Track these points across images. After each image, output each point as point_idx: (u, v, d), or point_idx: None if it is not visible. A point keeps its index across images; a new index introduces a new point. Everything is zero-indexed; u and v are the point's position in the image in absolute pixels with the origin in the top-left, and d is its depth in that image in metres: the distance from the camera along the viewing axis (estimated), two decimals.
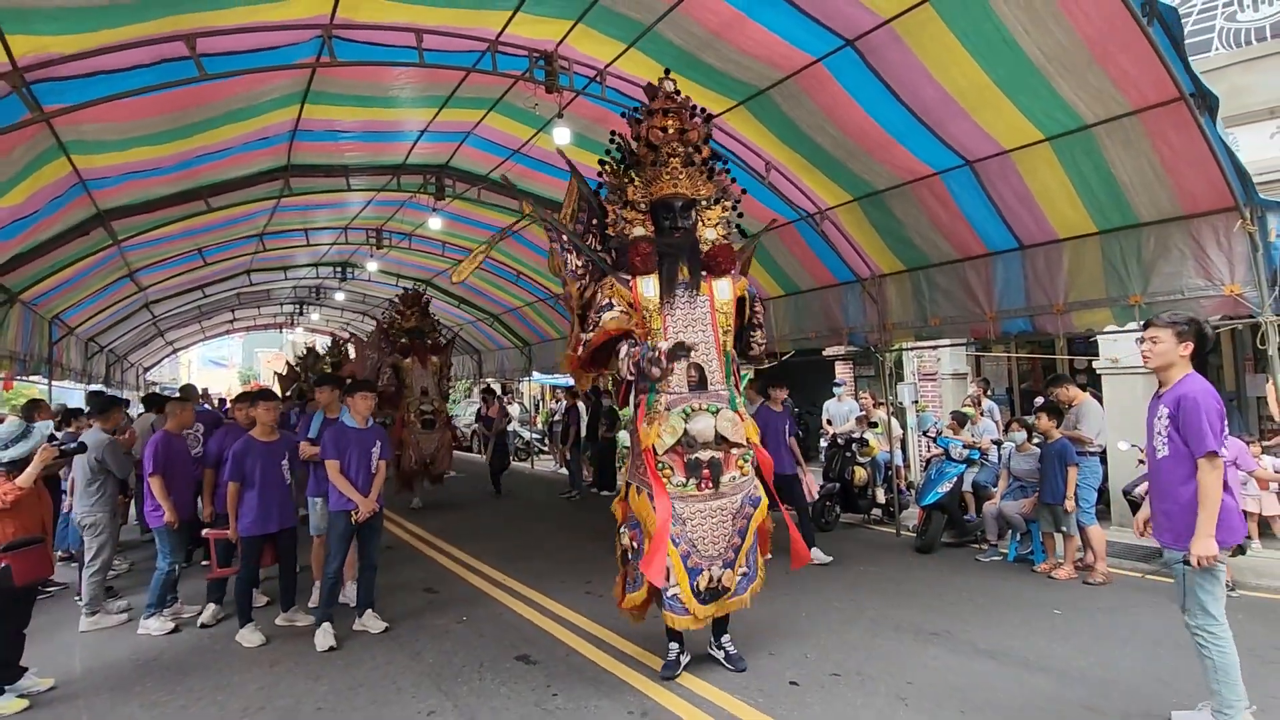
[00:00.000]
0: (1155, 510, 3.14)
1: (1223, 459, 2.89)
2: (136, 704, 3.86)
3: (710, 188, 4.19)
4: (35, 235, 5.87)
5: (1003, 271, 6.12)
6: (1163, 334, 3.06)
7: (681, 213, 4.01)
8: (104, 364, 12.36)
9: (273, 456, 4.78)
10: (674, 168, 4.05)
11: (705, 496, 3.78)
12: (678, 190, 4.02)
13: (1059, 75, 4.44)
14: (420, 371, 9.76)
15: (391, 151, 7.58)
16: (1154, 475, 3.15)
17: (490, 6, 4.89)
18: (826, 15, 4.68)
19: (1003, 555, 6.31)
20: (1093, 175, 4.98)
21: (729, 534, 3.81)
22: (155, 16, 3.87)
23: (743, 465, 3.89)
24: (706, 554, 3.75)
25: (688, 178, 4.07)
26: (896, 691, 3.67)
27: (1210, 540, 2.84)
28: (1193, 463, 2.91)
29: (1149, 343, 3.11)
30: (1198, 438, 2.87)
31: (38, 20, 3.51)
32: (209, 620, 5.04)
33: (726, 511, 3.81)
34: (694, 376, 3.92)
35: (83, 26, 3.69)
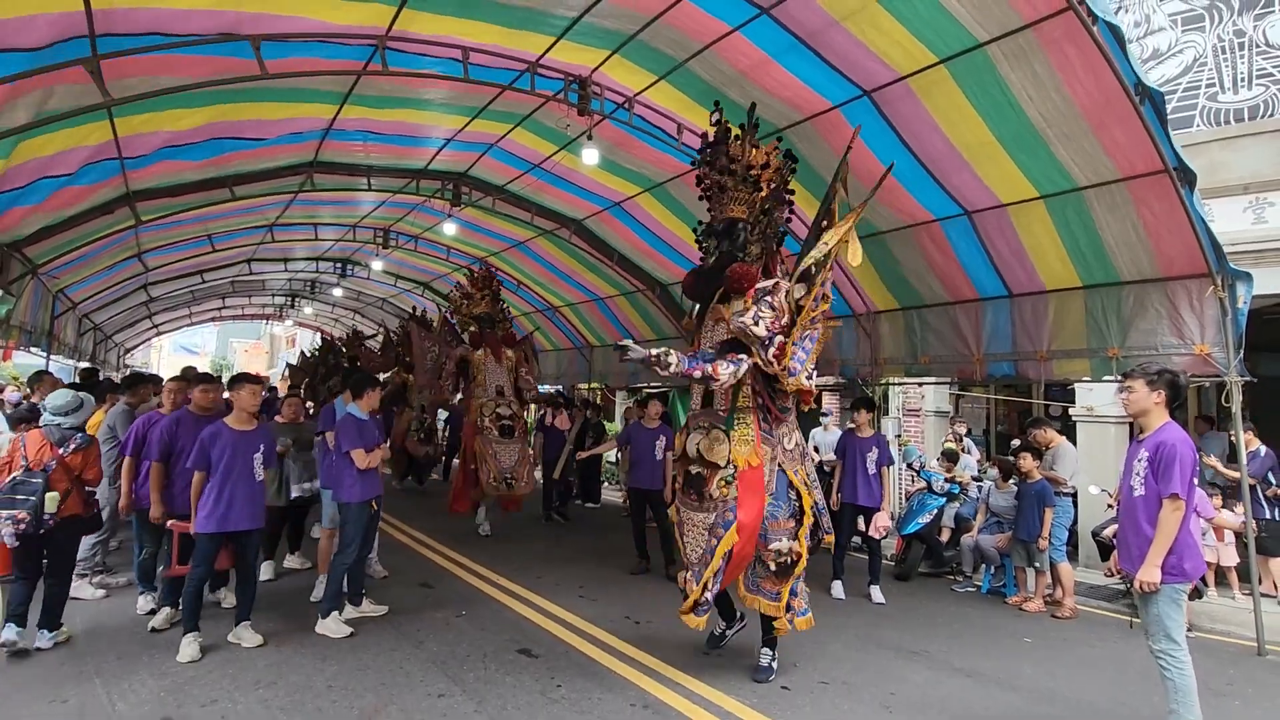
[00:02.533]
0: (1125, 541, 3.42)
1: (1184, 502, 3.17)
2: (146, 672, 3.95)
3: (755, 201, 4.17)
4: (63, 207, 5.97)
5: (992, 317, 6.49)
6: (1137, 384, 3.39)
7: (720, 237, 4.19)
8: (92, 341, 12.26)
9: (244, 447, 4.35)
10: (715, 194, 4.27)
11: (693, 506, 4.01)
12: (714, 216, 4.28)
13: (1057, 140, 4.84)
14: (494, 367, 8.03)
15: (415, 156, 7.81)
16: (1127, 511, 3.43)
17: (536, 30, 5.18)
18: (848, 67, 5.05)
19: (977, 587, 6.60)
20: (1081, 234, 5.38)
21: (703, 549, 3.91)
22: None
23: (723, 486, 3.87)
24: (690, 560, 4.00)
25: (730, 200, 4.20)
26: (881, 700, 3.90)
27: (1156, 570, 3.17)
28: (1160, 502, 3.21)
29: (1127, 391, 3.46)
30: (1166, 480, 3.18)
31: None
32: (160, 625, 4.58)
33: (703, 526, 3.94)
34: (700, 395, 4.17)
35: None
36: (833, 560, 6.23)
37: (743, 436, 3.95)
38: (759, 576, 3.97)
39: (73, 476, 4.25)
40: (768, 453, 3.96)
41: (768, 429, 4.01)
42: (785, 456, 4.05)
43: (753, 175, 4.17)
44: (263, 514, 4.53)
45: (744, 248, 4.14)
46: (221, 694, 3.71)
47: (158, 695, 3.68)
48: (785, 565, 3.92)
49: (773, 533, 3.89)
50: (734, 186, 4.19)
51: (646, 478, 6.69)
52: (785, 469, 4.02)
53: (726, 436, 3.91)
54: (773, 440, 4.01)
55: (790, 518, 3.97)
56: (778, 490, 3.94)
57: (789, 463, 4.06)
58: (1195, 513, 5.00)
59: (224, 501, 4.23)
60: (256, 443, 4.44)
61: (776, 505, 3.92)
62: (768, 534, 3.88)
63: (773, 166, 4.22)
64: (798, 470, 4.09)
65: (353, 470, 4.73)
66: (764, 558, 3.91)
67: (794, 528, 3.96)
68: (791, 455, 4.11)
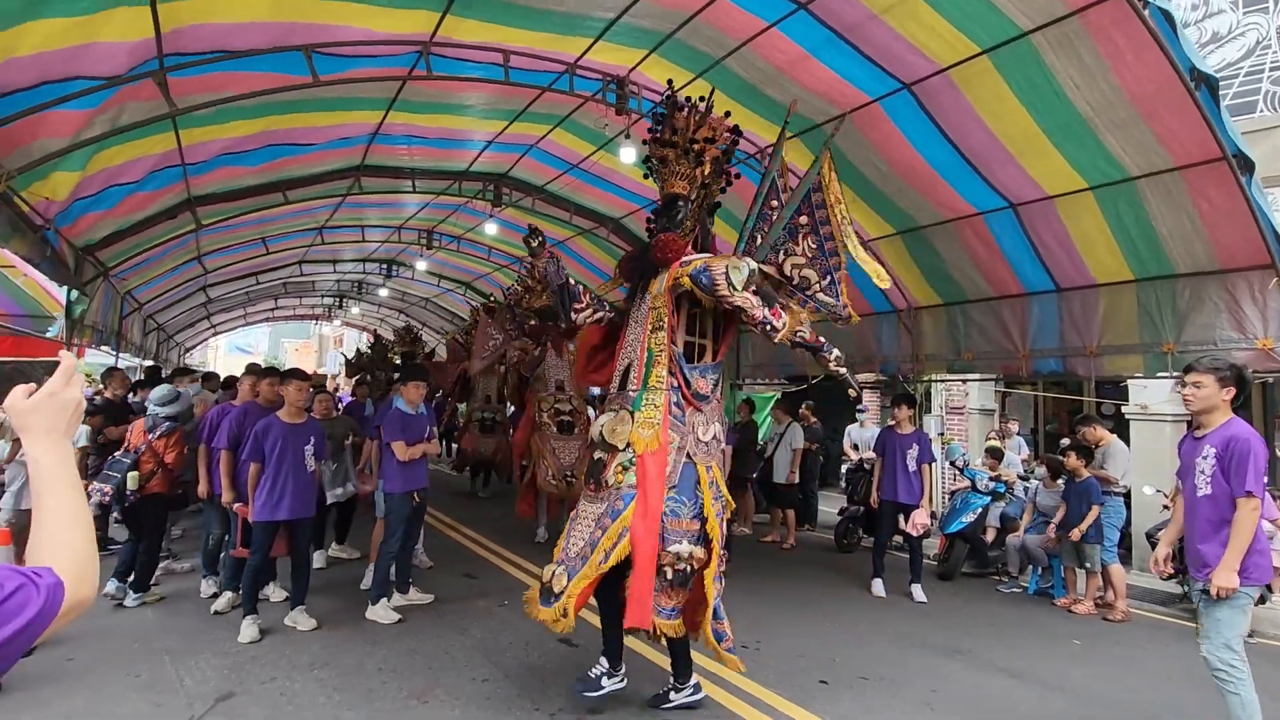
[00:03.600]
0: (1192, 547, 3.18)
1: (1259, 501, 2.98)
2: (210, 651, 4.18)
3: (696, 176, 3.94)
4: (131, 212, 6.31)
5: (1038, 312, 6.33)
6: (1205, 379, 3.12)
7: (659, 213, 4.01)
8: (156, 341, 12.89)
9: (295, 440, 4.57)
10: (658, 169, 4.03)
11: (590, 496, 3.63)
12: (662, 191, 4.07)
13: (1106, 129, 4.70)
14: (555, 361, 7.64)
15: (457, 158, 8.00)
16: (1190, 513, 3.20)
17: (574, 33, 5.27)
18: (888, 60, 5.00)
19: (1023, 588, 6.46)
20: (1133, 225, 5.21)
21: (584, 543, 3.47)
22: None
23: (619, 472, 3.48)
24: (568, 554, 3.53)
25: (671, 174, 3.96)
26: (922, 698, 3.88)
27: (1233, 574, 2.96)
28: (1233, 502, 3.00)
29: (1191, 387, 3.16)
30: (1240, 478, 2.97)
31: None
32: (222, 608, 4.83)
33: (592, 518, 3.51)
34: (620, 376, 3.79)
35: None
36: (873, 557, 6.19)
37: (647, 419, 3.53)
38: (655, 591, 3.36)
39: (158, 459, 4.90)
40: (675, 440, 3.52)
41: (679, 414, 3.58)
42: (697, 448, 3.58)
43: (695, 149, 3.93)
44: (314, 503, 4.77)
45: (680, 224, 3.90)
46: (279, 673, 3.90)
47: (221, 673, 3.89)
48: (684, 575, 3.40)
49: (672, 533, 3.36)
50: (675, 160, 3.94)
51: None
52: (696, 462, 3.55)
53: (631, 418, 3.56)
54: (683, 427, 3.57)
55: (695, 518, 3.47)
56: (681, 484, 3.47)
57: (701, 455, 3.58)
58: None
59: (277, 491, 4.47)
60: (307, 435, 4.66)
61: (679, 501, 3.44)
62: (666, 534, 3.35)
63: (717, 140, 3.99)
64: (710, 467, 3.61)
65: (395, 461, 4.90)
66: (661, 563, 3.34)
67: (698, 530, 3.45)
68: (707, 448, 3.63)
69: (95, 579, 0.98)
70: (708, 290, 3.54)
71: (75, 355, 7.07)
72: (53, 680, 3.68)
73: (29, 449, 1.02)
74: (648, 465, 3.42)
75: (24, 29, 3.34)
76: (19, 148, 4.07)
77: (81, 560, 0.95)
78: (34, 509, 1.00)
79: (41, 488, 0.99)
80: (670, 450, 3.49)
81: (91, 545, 0.99)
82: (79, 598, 0.92)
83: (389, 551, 4.93)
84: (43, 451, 1.01)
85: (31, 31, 3.38)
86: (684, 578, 3.41)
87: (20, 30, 3.33)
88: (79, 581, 0.93)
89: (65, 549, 0.95)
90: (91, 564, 0.97)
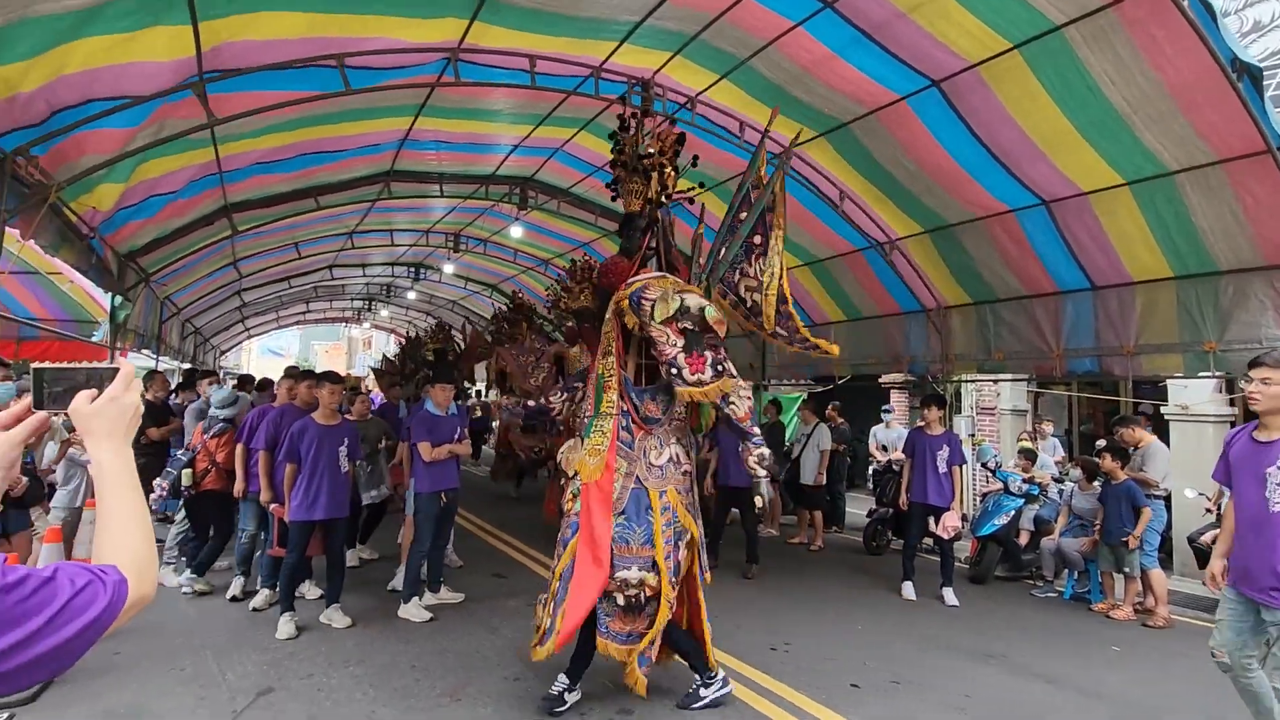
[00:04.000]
0: (1259, 565, 2.83)
1: None
2: (250, 647, 4.29)
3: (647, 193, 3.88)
4: (171, 219, 6.52)
5: (1072, 310, 6.21)
6: (1276, 374, 2.79)
7: (624, 232, 3.94)
8: (193, 344, 13.25)
9: (329, 441, 4.65)
10: (618, 190, 4.02)
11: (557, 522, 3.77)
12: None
13: (1143, 124, 4.59)
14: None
15: (484, 162, 8.10)
16: (1257, 528, 2.83)
17: (599, 37, 5.31)
18: (915, 58, 4.94)
19: (1059, 592, 6.33)
20: (1172, 221, 5.08)
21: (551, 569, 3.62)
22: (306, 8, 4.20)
23: (570, 500, 3.56)
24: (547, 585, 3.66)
25: (626, 193, 3.95)
26: (954, 703, 3.83)
27: None
28: None
29: (1259, 384, 2.84)
30: None
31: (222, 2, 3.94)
32: (260, 605, 4.96)
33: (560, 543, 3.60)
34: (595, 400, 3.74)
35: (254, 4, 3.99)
36: (903, 560, 6.12)
37: (594, 446, 3.53)
38: (608, 615, 3.40)
39: (210, 457, 5.26)
40: (622, 466, 3.49)
41: (628, 439, 3.54)
42: (649, 473, 3.51)
43: (644, 165, 3.89)
44: (348, 503, 4.87)
45: (632, 245, 3.88)
46: (316, 669, 4.00)
47: (260, 668, 3.99)
48: (635, 602, 3.36)
49: (620, 559, 3.35)
50: (626, 178, 3.95)
51: (736, 474, 6.65)
52: (647, 487, 3.49)
53: (581, 444, 3.60)
54: (632, 453, 3.52)
55: (646, 544, 3.39)
56: (629, 509, 3.43)
57: (654, 480, 3.50)
58: None
59: (313, 492, 4.57)
60: (341, 437, 4.75)
61: (628, 528, 3.39)
62: (615, 560, 3.34)
63: (664, 152, 3.91)
64: (665, 491, 3.50)
65: (423, 462, 4.96)
66: (609, 589, 3.35)
67: (649, 556, 3.39)
68: (660, 472, 3.53)
69: (155, 577, 1.02)
70: (636, 314, 3.48)
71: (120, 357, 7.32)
72: (102, 673, 3.82)
73: (92, 451, 1.07)
74: (591, 494, 3.44)
75: (71, 47, 3.48)
76: (66, 163, 4.23)
77: (142, 559, 1.00)
78: (97, 509, 1.05)
79: (104, 489, 1.04)
80: (618, 476, 3.47)
81: (151, 545, 1.03)
82: (140, 594, 0.97)
83: (419, 551, 5.01)
84: (105, 454, 1.06)
85: (78, 49, 3.52)
86: (637, 604, 3.39)
87: (68, 48, 3.46)
88: (140, 579, 0.98)
89: (127, 548, 0.99)
90: (151, 563, 1.01)
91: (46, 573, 0.87)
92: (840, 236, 7.51)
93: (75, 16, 3.24)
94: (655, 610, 3.41)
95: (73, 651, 0.88)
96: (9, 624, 0.80)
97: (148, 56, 3.91)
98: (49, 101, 3.80)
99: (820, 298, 8.77)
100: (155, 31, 3.74)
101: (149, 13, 3.56)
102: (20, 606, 0.81)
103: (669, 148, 3.94)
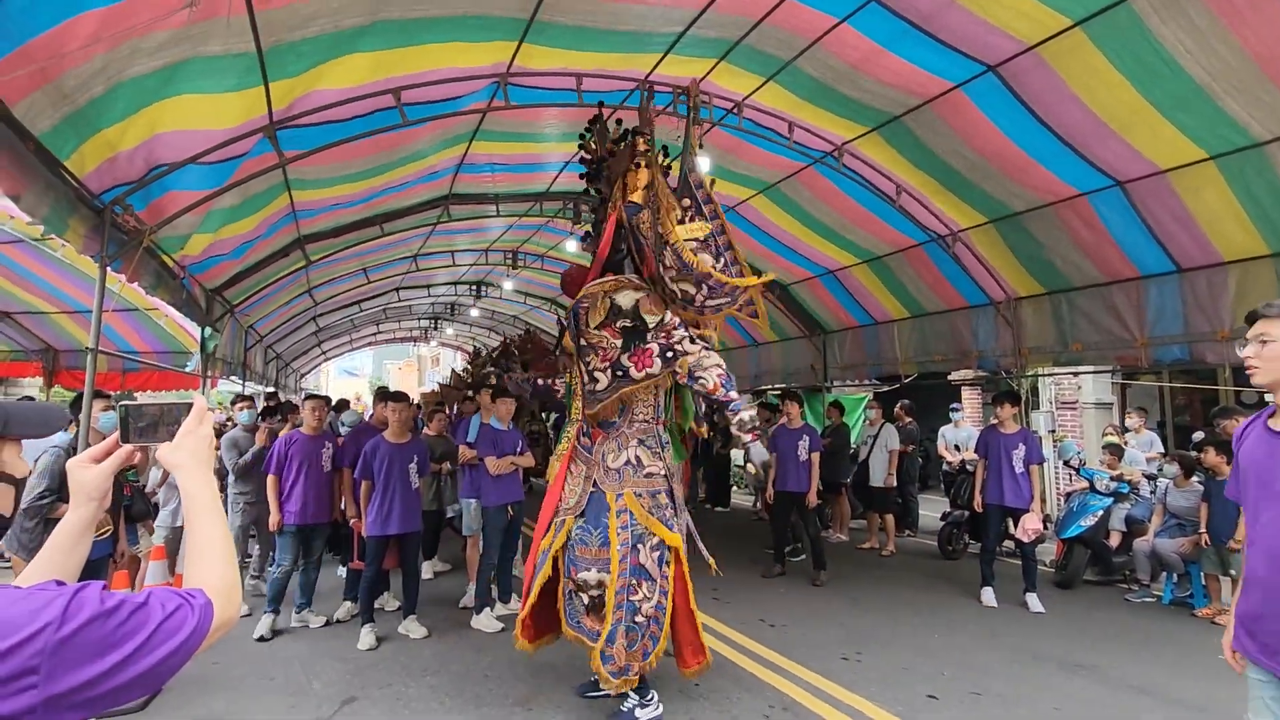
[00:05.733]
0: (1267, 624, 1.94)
1: None
2: (333, 658, 4.50)
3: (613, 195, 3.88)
4: (251, 256, 6.96)
5: (1156, 296, 5.83)
6: (1275, 329, 1.95)
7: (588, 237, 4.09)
8: (275, 369, 14.04)
9: (399, 459, 4.84)
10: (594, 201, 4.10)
11: None
12: None
13: (1226, 94, 4.29)
14: None
15: (537, 180, 8.28)
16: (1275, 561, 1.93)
17: (643, 50, 5.36)
18: (968, 44, 4.77)
19: (1156, 597, 5.93)
20: (1265, 194, 4.72)
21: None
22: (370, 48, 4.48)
23: None
24: None
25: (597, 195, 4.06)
26: (1042, 716, 3.64)
27: None
28: None
29: (1255, 344, 1.99)
30: None
31: (290, 59, 4.21)
32: (342, 617, 5.21)
33: None
34: None
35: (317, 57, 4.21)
36: (980, 565, 5.86)
37: (559, 451, 3.76)
38: (577, 611, 3.57)
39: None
40: (581, 470, 3.62)
41: (586, 444, 3.65)
42: (605, 476, 3.56)
43: (606, 173, 3.93)
44: (419, 518, 5.03)
45: (597, 247, 3.84)
46: (395, 679, 4.16)
47: (344, 678, 4.19)
48: (598, 602, 3.47)
49: (581, 560, 3.47)
50: (591, 183, 4.03)
51: (793, 480, 6.60)
52: (604, 489, 3.53)
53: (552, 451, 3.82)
54: (589, 457, 3.62)
55: (604, 546, 3.46)
56: (588, 512, 3.52)
57: (610, 484, 3.54)
58: None
59: (386, 507, 4.77)
60: (411, 454, 4.94)
61: (586, 530, 3.50)
62: (576, 561, 3.50)
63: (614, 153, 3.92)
64: (621, 494, 3.51)
65: (489, 475, 5.12)
66: (569, 587, 3.54)
67: (607, 558, 3.44)
68: (617, 475, 3.55)
69: (239, 599, 1.10)
70: (574, 327, 3.56)
71: (205, 394, 7.80)
72: (199, 682, 4.08)
73: (181, 484, 1.17)
74: (546, 498, 3.65)
75: (162, 106, 3.77)
76: (162, 216, 4.60)
77: (227, 583, 1.07)
78: (187, 536, 1.14)
79: (192, 517, 1.13)
80: (578, 479, 3.61)
81: (234, 569, 1.11)
82: (226, 617, 1.04)
83: (489, 564, 5.16)
84: (189, 483, 1.15)
85: (168, 109, 3.81)
86: (598, 604, 3.47)
87: (159, 107, 3.76)
88: (226, 603, 1.05)
89: (213, 573, 1.07)
90: (235, 586, 1.09)
91: (140, 598, 0.95)
92: (899, 231, 7.30)
93: (158, 76, 3.52)
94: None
95: (164, 672, 0.95)
96: (109, 648, 0.87)
97: (234, 122, 4.22)
98: (146, 160, 4.14)
99: (881, 295, 8.53)
100: (236, 97, 4.03)
101: (227, 73, 3.82)
102: (118, 631, 0.88)
103: (626, 149, 3.86)
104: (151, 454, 5.26)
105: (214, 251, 5.83)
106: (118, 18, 2.94)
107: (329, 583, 5.92)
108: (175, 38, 3.31)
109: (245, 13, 3.37)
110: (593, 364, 3.49)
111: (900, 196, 6.79)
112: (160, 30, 3.18)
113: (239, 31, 3.48)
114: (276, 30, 3.66)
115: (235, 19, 3.37)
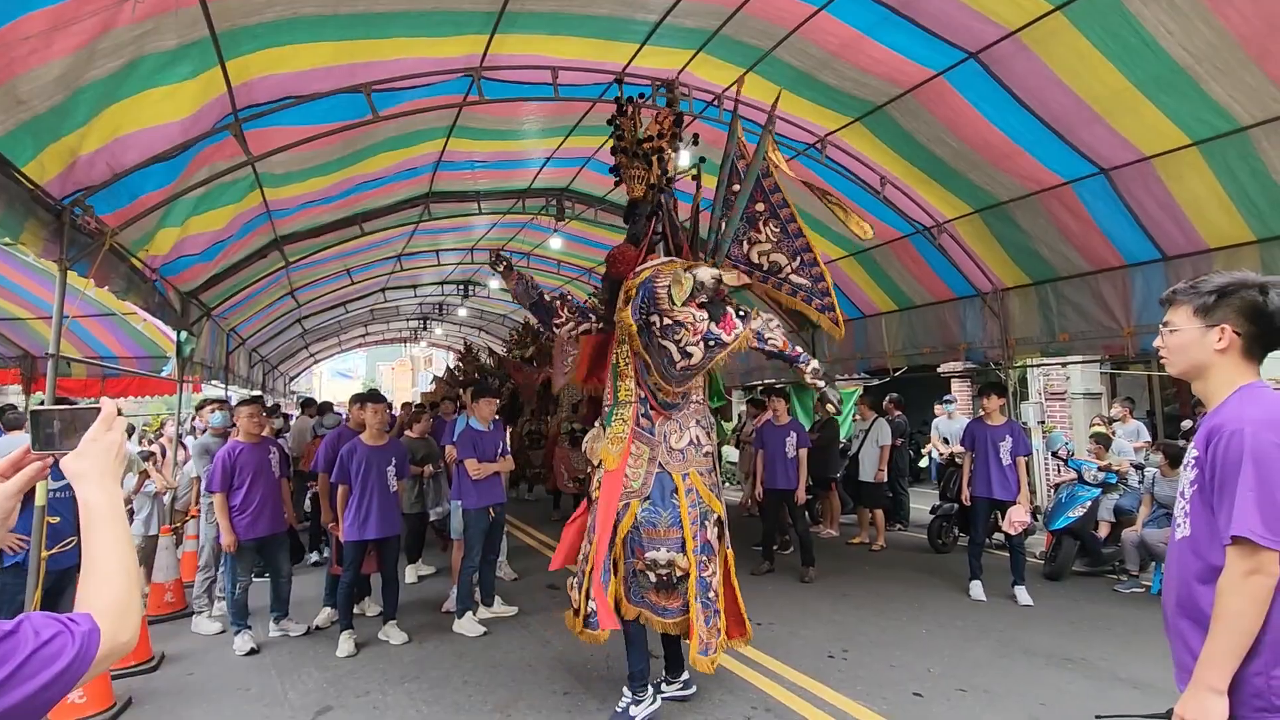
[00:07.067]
0: (1167, 626, 1.76)
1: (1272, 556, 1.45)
2: (311, 665, 4.41)
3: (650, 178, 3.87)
4: (227, 258, 6.83)
5: (1143, 284, 5.78)
6: (1178, 314, 1.71)
7: (629, 219, 3.98)
8: (261, 372, 13.89)
9: (377, 461, 4.74)
10: (621, 177, 4.06)
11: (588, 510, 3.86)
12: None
13: (1209, 76, 4.23)
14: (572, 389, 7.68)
15: (518, 178, 8.18)
16: (1167, 569, 1.78)
17: (620, 39, 5.27)
18: (949, 30, 4.70)
19: (1145, 587, 5.89)
20: (1249, 180, 4.66)
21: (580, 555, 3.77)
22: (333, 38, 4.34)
23: (597, 488, 3.63)
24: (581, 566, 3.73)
25: (629, 179, 3.97)
26: (1030, 712, 3.58)
27: (1211, 698, 1.53)
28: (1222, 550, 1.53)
29: (1163, 333, 1.76)
30: (1229, 506, 1.50)
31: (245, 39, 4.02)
32: (322, 623, 5.11)
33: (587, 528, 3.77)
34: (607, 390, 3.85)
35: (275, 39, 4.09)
36: (968, 559, 5.81)
37: (616, 434, 3.61)
38: (642, 588, 3.53)
39: None
40: (645, 452, 3.56)
41: (647, 426, 3.60)
42: (670, 457, 3.56)
43: (644, 150, 3.86)
44: (398, 522, 4.93)
45: (639, 231, 3.86)
46: (373, 686, 4.07)
47: (321, 686, 4.09)
48: (667, 580, 3.45)
49: (649, 541, 3.45)
50: (628, 165, 3.92)
51: (782, 477, 6.54)
52: (670, 471, 3.54)
53: (603, 433, 3.68)
54: (652, 439, 3.58)
55: (674, 525, 3.46)
56: (655, 494, 3.50)
57: (676, 464, 3.56)
58: None
59: (363, 512, 4.67)
60: (389, 457, 4.84)
61: (654, 512, 3.48)
62: (644, 542, 3.46)
63: (663, 134, 3.87)
64: (688, 474, 3.55)
65: (469, 478, 5.01)
66: (638, 567, 3.50)
67: (679, 537, 3.45)
68: (681, 455, 3.58)
69: (136, 623, 1.00)
70: (651, 305, 3.49)
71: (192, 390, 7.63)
72: (174, 693, 3.99)
73: (80, 494, 1.07)
74: (607, 482, 3.55)
75: (120, 108, 3.64)
76: (129, 219, 4.48)
77: (121, 605, 0.97)
78: (83, 550, 1.03)
79: (89, 531, 1.03)
80: (641, 462, 3.56)
81: (133, 590, 1.02)
82: (117, 643, 0.94)
83: (470, 566, 5.07)
84: (91, 494, 1.05)
85: (127, 110, 3.69)
86: (668, 582, 3.48)
87: (118, 109, 3.63)
88: (119, 627, 0.95)
89: (104, 595, 0.97)
90: (132, 609, 0.99)
91: (9, 626, 0.86)
92: (884, 223, 7.23)
93: (112, 79, 3.40)
94: (687, 589, 3.47)
95: (42, 705, 0.86)
96: None
97: (192, 108, 4.10)
98: (109, 163, 4.02)
99: (868, 288, 8.48)
100: (192, 83, 3.91)
101: (182, 62, 3.70)
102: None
103: (667, 130, 3.91)
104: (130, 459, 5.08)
105: (185, 250, 5.69)
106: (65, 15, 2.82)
107: (310, 590, 5.83)
108: (131, 37, 3.20)
109: (196, 3, 3.26)
110: (684, 339, 3.44)
111: (885, 188, 6.72)
112: (116, 27, 3.07)
113: (190, 22, 3.37)
114: (231, 16, 3.56)
115: (187, 10, 3.26)
